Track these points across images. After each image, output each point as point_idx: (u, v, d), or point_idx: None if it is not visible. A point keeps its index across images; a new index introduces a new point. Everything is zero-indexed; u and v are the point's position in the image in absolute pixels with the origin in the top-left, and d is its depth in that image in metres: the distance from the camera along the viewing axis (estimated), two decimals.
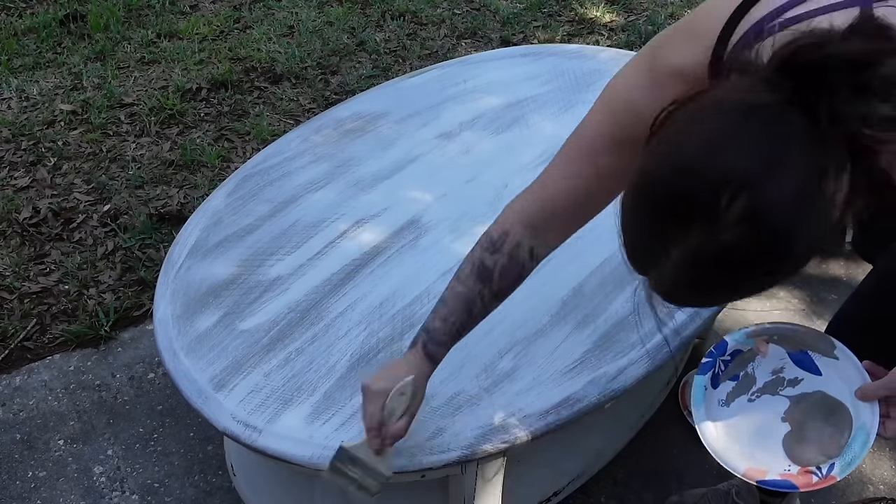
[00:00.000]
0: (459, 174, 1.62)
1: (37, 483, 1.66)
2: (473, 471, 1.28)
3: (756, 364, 1.09)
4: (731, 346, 1.09)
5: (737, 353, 1.09)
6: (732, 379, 1.09)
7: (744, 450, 1.05)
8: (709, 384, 1.09)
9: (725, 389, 1.09)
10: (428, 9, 3.36)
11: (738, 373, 1.09)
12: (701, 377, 1.09)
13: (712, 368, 1.09)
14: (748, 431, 1.06)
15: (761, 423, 1.06)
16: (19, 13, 3.22)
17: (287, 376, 1.23)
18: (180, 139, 2.58)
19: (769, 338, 1.08)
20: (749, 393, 1.08)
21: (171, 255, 1.46)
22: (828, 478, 1.00)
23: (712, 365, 1.09)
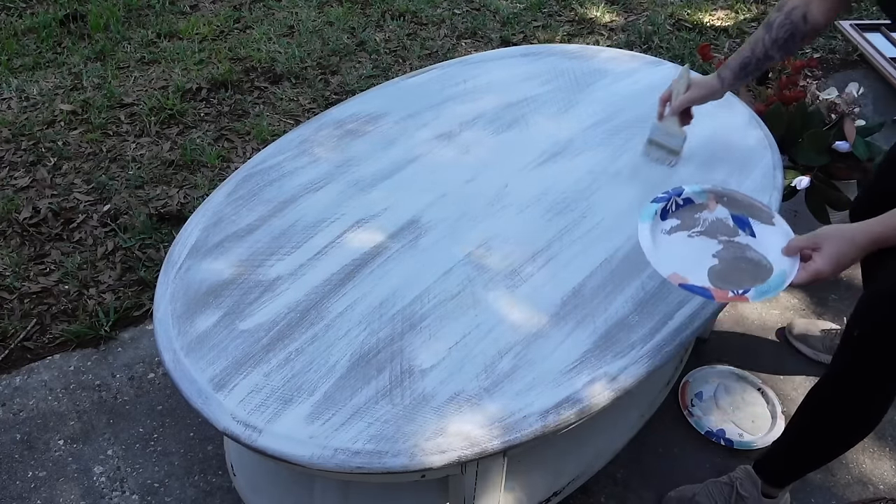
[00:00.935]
0: (459, 174, 1.62)
1: (37, 483, 1.66)
2: (473, 471, 1.28)
3: (702, 215, 1.31)
4: (686, 192, 1.32)
5: (688, 201, 1.32)
6: (678, 219, 1.30)
7: (673, 266, 1.22)
8: (659, 212, 1.30)
9: (671, 223, 1.29)
10: (428, 9, 3.36)
11: (684, 216, 1.31)
12: (654, 205, 1.30)
13: (665, 202, 1.30)
14: (680, 256, 1.24)
15: (693, 254, 1.25)
16: (19, 13, 3.22)
17: (287, 376, 1.23)
18: (180, 139, 2.58)
19: (719, 197, 1.31)
20: (689, 231, 1.29)
21: (171, 255, 1.46)
22: (741, 297, 1.16)
23: (666, 199, 1.31)
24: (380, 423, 1.17)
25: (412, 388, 1.22)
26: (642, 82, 1.90)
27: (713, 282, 1.20)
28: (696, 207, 1.31)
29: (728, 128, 1.73)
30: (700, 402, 1.83)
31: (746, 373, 1.89)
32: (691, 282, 1.18)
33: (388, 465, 1.13)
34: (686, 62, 2.97)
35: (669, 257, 1.24)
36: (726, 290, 1.17)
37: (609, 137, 1.72)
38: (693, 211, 1.31)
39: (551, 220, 1.51)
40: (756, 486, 1.53)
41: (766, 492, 1.53)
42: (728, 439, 1.74)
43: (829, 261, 1.13)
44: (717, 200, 1.30)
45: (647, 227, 1.27)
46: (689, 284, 1.18)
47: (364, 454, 1.13)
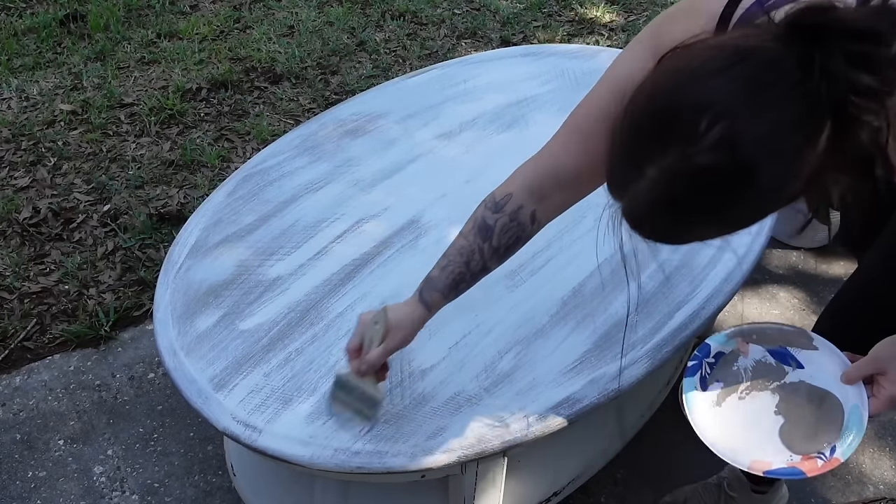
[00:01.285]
0: (459, 174, 1.62)
1: (37, 483, 1.66)
2: (473, 471, 1.28)
3: (740, 364, 1.12)
4: (714, 348, 1.12)
5: (720, 355, 1.12)
6: (719, 381, 1.11)
7: (743, 445, 1.06)
8: (698, 386, 1.11)
9: (715, 391, 1.11)
10: (428, 9, 3.36)
11: (724, 374, 1.11)
12: (690, 380, 1.11)
13: (699, 370, 1.12)
14: (744, 428, 1.08)
15: (755, 419, 1.08)
16: (19, 13, 3.22)
17: (287, 376, 1.23)
18: (180, 139, 2.58)
19: (749, 338, 1.12)
20: (738, 392, 1.11)
21: (171, 255, 1.46)
22: (832, 460, 1.02)
23: (699, 367, 1.12)
24: (380, 423, 1.17)
25: (412, 388, 1.22)
26: None
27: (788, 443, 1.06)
28: (728, 358, 1.13)
29: None
30: None
31: None
32: (775, 466, 1.04)
33: (388, 465, 1.13)
34: None
35: (735, 437, 1.08)
36: (815, 460, 1.03)
37: None
38: (728, 364, 1.13)
39: None
40: (744, 485, 1.53)
41: (756, 488, 1.53)
42: None
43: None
44: (747, 341, 1.14)
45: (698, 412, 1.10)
46: (776, 469, 1.04)
47: (364, 454, 1.13)
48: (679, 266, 1.41)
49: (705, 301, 1.35)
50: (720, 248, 1.44)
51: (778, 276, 2.19)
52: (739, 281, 1.40)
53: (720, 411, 1.10)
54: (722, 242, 1.45)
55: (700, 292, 1.37)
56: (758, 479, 1.51)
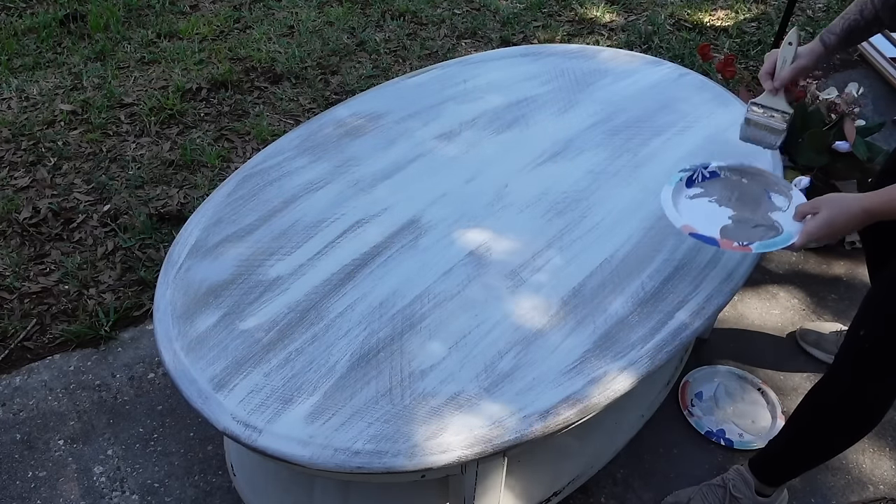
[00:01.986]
0: (459, 174, 1.62)
1: (37, 483, 1.66)
2: (473, 471, 1.28)
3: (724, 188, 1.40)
4: (712, 165, 1.43)
5: (715, 173, 1.43)
6: (702, 188, 1.41)
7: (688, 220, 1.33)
8: (685, 179, 1.41)
9: (695, 191, 1.41)
10: (428, 9, 3.36)
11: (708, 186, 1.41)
12: (682, 172, 1.41)
13: (692, 173, 1.42)
14: (698, 215, 1.35)
15: (710, 215, 1.36)
16: (19, 13, 3.22)
17: (287, 376, 1.23)
18: (180, 139, 2.58)
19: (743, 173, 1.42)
20: (711, 198, 1.40)
21: (171, 255, 1.46)
22: (745, 247, 1.27)
23: (694, 170, 1.42)
24: (380, 423, 1.17)
25: (412, 388, 1.22)
26: (642, 82, 1.90)
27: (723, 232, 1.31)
28: (720, 179, 1.41)
29: (728, 128, 1.73)
30: (700, 402, 1.83)
31: (746, 373, 1.89)
32: (700, 232, 1.29)
33: (388, 465, 1.13)
34: (686, 62, 2.97)
35: (687, 215, 1.34)
36: (731, 241, 1.28)
37: (609, 137, 1.72)
38: (717, 184, 1.41)
39: (551, 220, 1.51)
40: (749, 487, 1.53)
41: (760, 490, 1.53)
42: (728, 439, 1.74)
43: (822, 223, 1.20)
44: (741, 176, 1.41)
45: (670, 189, 1.38)
46: (698, 234, 1.29)
47: (364, 454, 1.13)
48: (679, 266, 1.42)
49: (705, 301, 1.35)
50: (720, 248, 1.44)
51: (778, 276, 2.19)
52: (739, 281, 1.40)
53: (689, 202, 1.38)
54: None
55: (700, 292, 1.37)
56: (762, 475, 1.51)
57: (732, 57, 2.42)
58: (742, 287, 1.47)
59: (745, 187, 1.40)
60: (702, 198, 1.39)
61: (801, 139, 2.08)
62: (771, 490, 1.53)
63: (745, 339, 2.00)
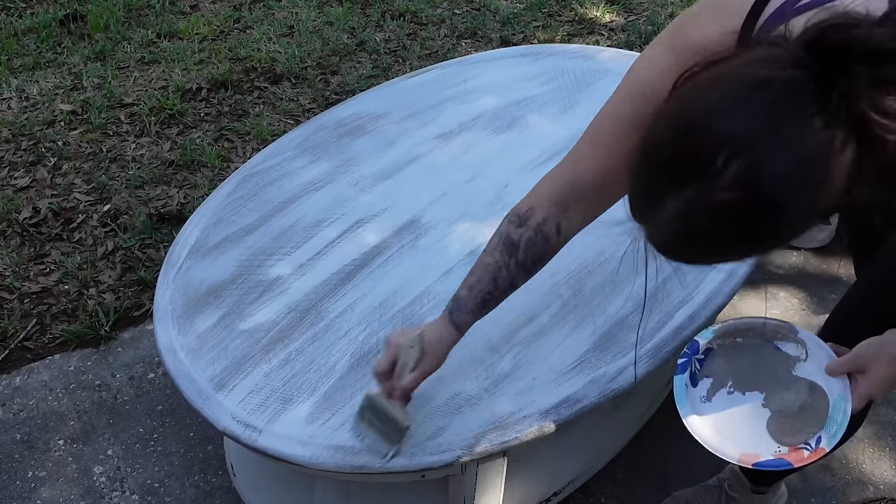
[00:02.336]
0: (459, 174, 1.62)
1: (37, 483, 1.66)
2: (473, 471, 1.28)
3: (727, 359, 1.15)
4: (702, 345, 1.15)
5: (708, 350, 1.16)
6: (708, 376, 1.14)
7: (733, 438, 1.09)
8: (688, 382, 1.14)
9: (705, 386, 1.14)
10: (428, 9, 3.36)
11: (712, 369, 1.15)
12: (681, 377, 1.15)
13: (689, 368, 1.15)
14: (733, 421, 1.11)
15: (743, 412, 1.11)
16: (19, 13, 3.22)
17: (287, 376, 1.23)
18: (180, 139, 2.58)
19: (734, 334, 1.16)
20: (727, 387, 1.14)
21: (171, 255, 1.46)
22: (818, 450, 1.05)
23: (688, 364, 1.15)
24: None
25: None
26: None
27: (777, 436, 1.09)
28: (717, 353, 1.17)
29: None
30: None
31: None
32: (763, 458, 1.07)
33: (388, 465, 1.13)
34: None
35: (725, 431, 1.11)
36: (801, 451, 1.06)
37: None
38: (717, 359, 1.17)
39: None
40: (745, 486, 1.53)
41: (755, 489, 1.53)
42: None
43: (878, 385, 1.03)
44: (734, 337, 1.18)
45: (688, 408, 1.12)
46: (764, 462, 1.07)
47: (364, 454, 1.13)
48: (679, 266, 1.41)
49: (705, 301, 1.35)
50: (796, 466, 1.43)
51: (778, 276, 2.19)
52: (739, 281, 1.40)
53: (710, 406, 1.13)
54: None
55: (700, 292, 1.37)
56: (757, 478, 1.51)
57: None
58: (742, 287, 1.47)
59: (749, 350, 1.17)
60: (716, 391, 1.15)
61: None
62: (766, 489, 1.53)
63: None
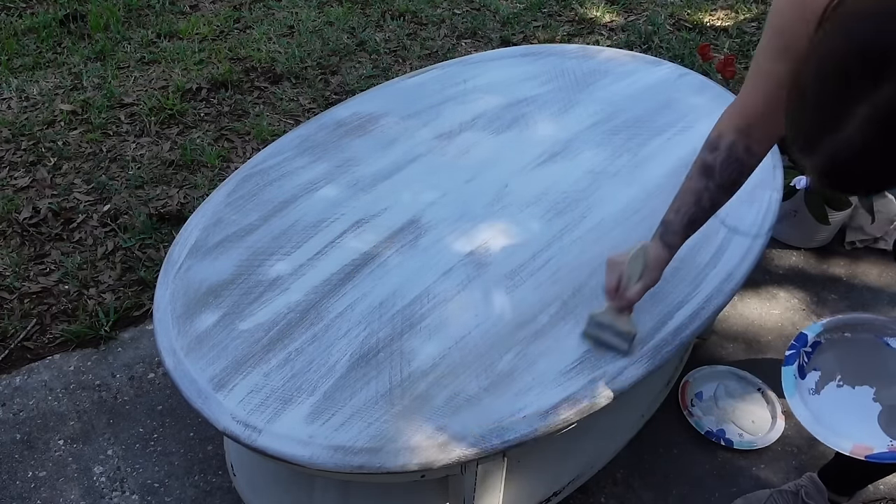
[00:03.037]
0: (459, 174, 1.62)
1: (37, 483, 1.66)
2: (473, 471, 1.28)
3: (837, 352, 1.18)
4: (811, 338, 1.19)
5: (816, 344, 1.19)
6: (816, 369, 1.17)
7: (843, 431, 1.11)
8: (797, 373, 1.18)
9: (813, 379, 1.18)
10: (428, 9, 3.36)
11: (821, 362, 1.18)
12: (789, 367, 1.19)
13: (797, 359, 1.19)
14: (843, 414, 1.13)
15: (853, 405, 1.14)
16: (19, 13, 3.22)
17: (287, 376, 1.23)
18: (180, 139, 2.58)
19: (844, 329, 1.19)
20: (836, 380, 1.17)
21: (171, 255, 1.46)
22: None
23: (797, 356, 1.19)
24: (379, 422, 1.17)
25: (412, 388, 1.22)
26: (642, 82, 1.90)
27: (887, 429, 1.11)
28: (825, 347, 1.20)
29: None
30: (700, 402, 1.83)
31: (746, 373, 1.89)
32: (877, 450, 1.09)
33: (387, 465, 1.13)
34: (686, 62, 2.97)
35: (834, 423, 1.13)
36: None
37: (609, 137, 1.72)
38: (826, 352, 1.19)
39: (551, 220, 1.51)
40: (823, 494, 1.51)
41: (833, 499, 1.52)
42: (728, 439, 1.74)
43: None
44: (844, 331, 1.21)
45: (797, 399, 1.15)
46: (878, 454, 1.08)
47: (364, 454, 1.13)
48: (679, 266, 1.41)
49: (705, 301, 1.35)
50: (720, 248, 1.44)
51: (778, 276, 2.19)
52: (739, 281, 1.40)
53: (818, 398, 1.15)
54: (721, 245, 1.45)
55: (700, 292, 1.37)
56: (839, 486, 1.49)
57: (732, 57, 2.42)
58: (742, 287, 1.47)
59: (859, 345, 1.19)
60: (825, 384, 1.18)
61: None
62: (844, 500, 1.52)
63: (745, 339, 2.00)
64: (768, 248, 2.27)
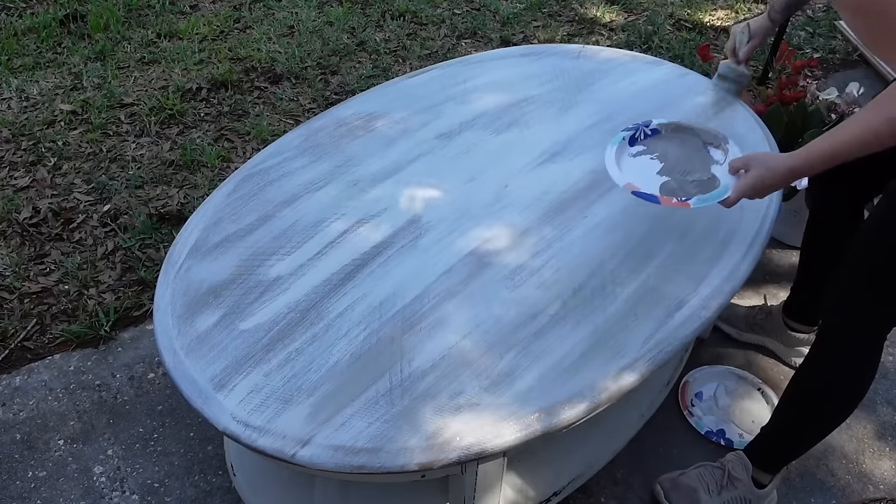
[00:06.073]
0: (459, 174, 1.62)
1: (37, 483, 1.66)
2: (473, 471, 1.28)
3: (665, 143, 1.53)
4: (654, 123, 1.56)
5: (656, 131, 1.55)
6: (645, 147, 1.53)
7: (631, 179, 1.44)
8: (628, 138, 1.53)
9: (637, 149, 1.53)
10: (428, 9, 3.36)
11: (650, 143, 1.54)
12: (625, 132, 1.54)
13: (635, 131, 1.55)
14: (640, 173, 1.47)
15: (652, 171, 1.48)
16: (19, 13, 3.22)
17: (287, 376, 1.23)
18: (180, 139, 2.58)
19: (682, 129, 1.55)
20: (652, 155, 1.52)
21: (171, 255, 1.46)
22: (684, 203, 1.37)
23: (636, 129, 1.55)
24: (380, 422, 1.17)
25: (412, 388, 1.22)
26: (642, 82, 1.90)
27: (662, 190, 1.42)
28: (661, 136, 1.55)
29: (728, 128, 1.73)
30: (700, 402, 1.83)
31: (746, 373, 1.89)
32: (643, 190, 1.39)
33: (388, 465, 1.13)
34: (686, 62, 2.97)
35: (630, 173, 1.46)
36: (671, 198, 1.39)
37: (609, 137, 1.72)
38: (658, 140, 1.55)
39: (551, 220, 1.51)
40: (748, 470, 1.54)
41: (756, 478, 1.54)
42: (728, 439, 1.74)
43: (751, 182, 1.29)
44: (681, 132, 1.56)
45: (613, 148, 1.50)
46: (640, 192, 1.39)
47: (364, 454, 1.13)
48: (679, 266, 1.42)
49: (705, 301, 1.35)
50: (720, 248, 1.45)
51: (778, 276, 2.19)
52: (739, 281, 1.40)
53: (631, 160, 1.51)
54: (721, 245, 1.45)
55: (700, 292, 1.37)
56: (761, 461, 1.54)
57: None
58: (742, 287, 1.47)
59: (686, 142, 1.53)
60: (644, 155, 1.51)
61: (802, 139, 2.08)
62: (767, 478, 1.54)
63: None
64: (768, 248, 2.27)
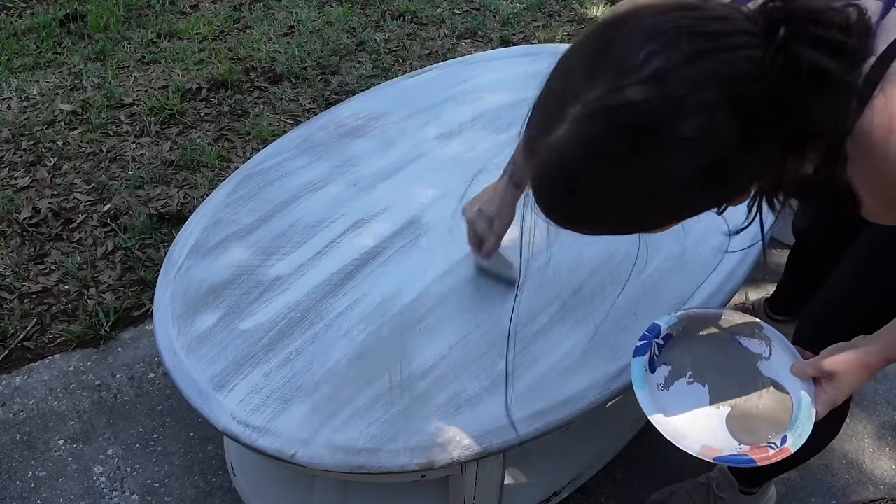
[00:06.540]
0: (460, 174, 1.62)
1: (37, 483, 1.66)
2: (473, 471, 1.28)
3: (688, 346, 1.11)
4: (664, 329, 1.11)
5: (668, 337, 1.11)
6: (667, 363, 1.09)
7: (691, 430, 1.04)
8: (647, 366, 1.08)
9: (663, 374, 1.09)
10: (428, 9, 3.36)
11: (672, 356, 1.10)
12: (640, 359, 1.09)
13: (648, 351, 1.10)
14: (692, 413, 1.06)
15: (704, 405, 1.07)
16: (19, 13, 3.22)
17: (287, 376, 1.23)
18: (180, 139, 2.58)
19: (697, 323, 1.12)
20: (686, 377, 1.09)
21: (171, 255, 1.46)
22: (783, 450, 1.00)
23: (648, 347, 1.10)
24: (379, 422, 1.17)
25: (412, 387, 1.22)
26: None
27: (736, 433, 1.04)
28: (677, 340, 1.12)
29: None
30: None
31: None
32: (725, 452, 1.02)
33: (388, 465, 1.13)
34: None
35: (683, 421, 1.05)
36: (765, 449, 1.01)
37: None
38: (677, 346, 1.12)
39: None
40: (733, 487, 1.52)
41: (744, 489, 1.53)
42: None
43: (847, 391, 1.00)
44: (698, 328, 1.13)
45: (645, 395, 1.06)
46: (726, 457, 1.02)
47: (364, 454, 1.13)
48: (679, 265, 1.41)
49: (705, 301, 1.35)
50: (720, 248, 1.44)
51: (778, 276, 2.19)
52: (739, 281, 1.40)
53: (668, 395, 1.08)
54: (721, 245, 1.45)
55: (700, 292, 1.37)
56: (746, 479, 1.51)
57: None
58: (742, 287, 1.47)
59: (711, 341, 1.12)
60: (675, 380, 1.09)
61: None
62: (755, 488, 1.53)
63: None
64: (768, 248, 2.27)
